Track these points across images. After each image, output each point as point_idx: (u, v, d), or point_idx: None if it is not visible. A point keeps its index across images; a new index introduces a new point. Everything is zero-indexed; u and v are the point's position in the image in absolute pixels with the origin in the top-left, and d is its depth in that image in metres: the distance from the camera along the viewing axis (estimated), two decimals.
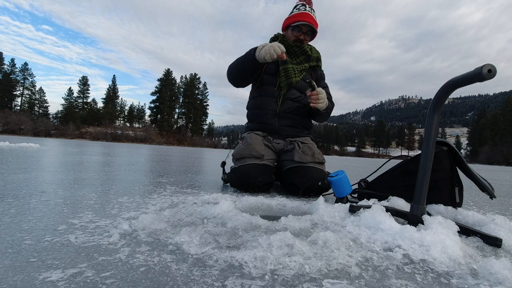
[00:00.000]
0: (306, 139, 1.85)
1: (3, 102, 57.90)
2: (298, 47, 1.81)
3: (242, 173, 1.60)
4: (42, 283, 0.48)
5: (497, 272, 0.59)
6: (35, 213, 0.90)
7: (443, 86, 0.85)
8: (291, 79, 1.78)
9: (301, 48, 1.81)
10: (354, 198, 1.52)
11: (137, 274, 0.54)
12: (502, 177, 5.26)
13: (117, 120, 69.93)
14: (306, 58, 1.85)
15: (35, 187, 1.36)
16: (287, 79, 1.78)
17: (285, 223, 0.91)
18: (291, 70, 1.79)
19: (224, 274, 0.55)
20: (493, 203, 1.78)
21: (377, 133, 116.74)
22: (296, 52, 1.82)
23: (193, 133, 69.63)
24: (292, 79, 1.78)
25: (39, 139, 18.04)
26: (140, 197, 1.28)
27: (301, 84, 1.83)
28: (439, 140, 1.23)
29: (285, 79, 1.79)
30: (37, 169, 2.10)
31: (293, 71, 1.79)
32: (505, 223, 0.97)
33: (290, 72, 1.79)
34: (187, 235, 0.73)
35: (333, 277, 0.57)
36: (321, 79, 1.95)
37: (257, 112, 1.88)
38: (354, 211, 1.00)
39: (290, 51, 1.82)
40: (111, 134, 54.01)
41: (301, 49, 1.81)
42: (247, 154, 1.66)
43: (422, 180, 0.91)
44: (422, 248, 0.72)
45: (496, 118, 65.75)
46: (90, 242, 0.67)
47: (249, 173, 1.59)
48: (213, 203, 1.15)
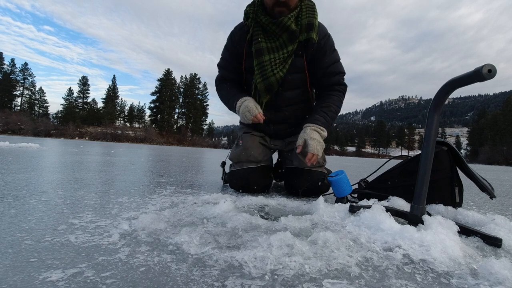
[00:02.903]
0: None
1: (3, 102, 57.92)
2: (275, 24, 1.32)
3: (240, 177, 1.57)
4: (42, 283, 0.48)
5: (497, 272, 0.59)
6: (35, 213, 0.90)
7: (443, 86, 0.85)
8: (268, 78, 1.37)
9: (279, 25, 1.31)
10: (354, 198, 1.51)
11: (137, 274, 0.54)
12: (502, 177, 5.26)
13: (117, 120, 70.02)
14: (290, 37, 1.34)
15: (35, 187, 1.36)
16: (263, 79, 1.38)
17: (285, 223, 0.91)
18: (267, 65, 1.35)
19: (224, 274, 0.55)
20: (493, 203, 1.78)
21: (377, 133, 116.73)
22: (275, 31, 1.33)
23: (193, 133, 69.65)
24: (271, 78, 1.37)
25: (39, 139, 18.04)
26: (140, 197, 1.28)
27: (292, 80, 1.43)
28: (439, 140, 1.23)
29: (261, 79, 1.39)
30: (37, 169, 2.10)
31: (270, 66, 1.36)
32: (505, 223, 0.97)
33: (267, 68, 1.36)
34: (187, 235, 0.73)
35: (333, 277, 0.57)
36: (322, 55, 1.42)
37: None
38: (354, 211, 1.00)
39: (267, 31, 1.35)
40: (111, 134, 54.01)
41: (279, 25, 1.31)
42: (244, 159, 1.58)
43: (422, 180, 0.91)
44: (422, 248, 0.72)
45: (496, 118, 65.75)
46: (90, 242, 0.67)
47: (247, 178, 1.56)
48: (213, 203, 1.15)
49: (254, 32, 1.40)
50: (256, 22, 1.39)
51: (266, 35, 1.38)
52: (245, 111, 1.41)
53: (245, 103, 1.43)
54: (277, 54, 1.37)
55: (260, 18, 1.36)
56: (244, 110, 1.41)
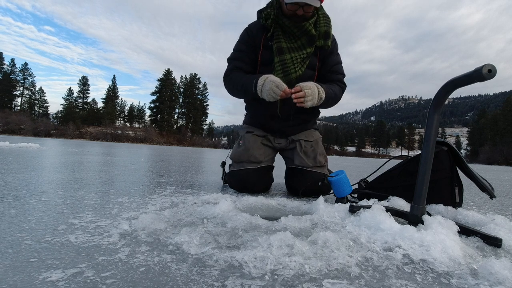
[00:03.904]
0: (311, 134, 1.69)
1: (3, 102, 57.93)
2: (297, 28, 1.46)
3: (240, 178, 1.57)
4: (42, 283, 0.48)
5: (497, 272, 0.59)
6: (35, 213, 0.90)
7: (443, 86, 0.85)
8: (290, 75, 1.48)
9: (301, 28, 1.46)
10: (354, 198, 1.51)
11: (137, 274, 0.54)
12: (502, 177, 5.26)
13: (117, 120, 70.01)
14: (309, 40, 1.49)
15: (35, 187, 1.36)
16: (285, 75, 1.48)
17: (285, 223, 0.91)
18: (289, 63, 1.48)
19: (224, 274, 0.55)
20: (493, 203, 1.78)
21: (377, 133, 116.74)
22: (295, 34, 1.48)
23: (193, 133, 69.65)
24: (292, 75, 1.49)
25: (39, 139, 18.04)
26: (140, 197, 1.28)
27: (305, 74, 1.53)
28: (439, 140, 1.23)
29: (282, 75, 1.48)
30: (37, 169, 2.10)
31: (291, 64, 1.48)
32: (505, 223, 0.97)
33: (289, 65, 1.48)
34: (187, 235, 0.73)
35: (333, 277, 0.57)
36: (330, 55, 1.60)
37: (255, 113, 1.72)
38: (354, 211, 1.00)
39: (288, 32, 1.49)
40: (111, 134, 54.01)
41: (301, 29, 1.46)
42: (245, 159, 1.58)
43: (422, 180, 0.91)
44: (422, 248, 0.72)
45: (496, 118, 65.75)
46: (90, 242, 0.67)
47: (247, 178, 1.56)
48: (213, 203, 1.15)
49: (274, 32, 1.51)
50: (276, 23, 1.50)
51: (285, 36, 1.50)
52: (273, 86, 1.36)
53: (270, 78, 1.39)
54: (297, 53, 1.49)
55: (282, 20, 1.48)
56: (272, 85, 1.37)
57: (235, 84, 1.56)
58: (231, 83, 1.59)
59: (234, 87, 1.58)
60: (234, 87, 1.58)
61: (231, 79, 1.59)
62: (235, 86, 1.57)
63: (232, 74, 1.59)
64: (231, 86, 1.60)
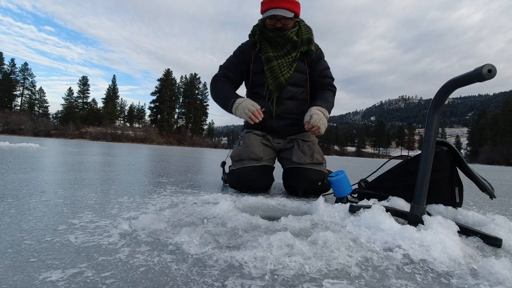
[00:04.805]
0: (308, 135, 1.77)
1: (3, 102, 57.90)
2: (280, 37, 1.62)
3: (240, 176, 1.59)
4: (42, 283, 0.48)
5: (497, 272, 0.59)
6: (35, 213, 0.90)
7: (443, 86, 0.85)
8: (278, 79, 1.64)
9: (283, 37, 1.62)
10: (354, 198, 1.51)
11: (137, 274, 0.54)
12: (502, 177, 5.26)
13: (117, 120, 69.97)
14: (293, 46, 1.65)
15: (35, 187, 1.36)
16: (274, 80, 1.65)
17: (285, 223, 0.91)
18: (276, 68, 1.64)
19: (224, 274, 0.55)
20: (493, 203, 1.78)
21: (377, 133, 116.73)
22: (280, 42, 1.64)
23: (193, 133, 69.62)
24: (280, 78, 1.64)
25: (39, 139, 18.04)
26: (140, 197, 1.28)
27: (295, 77, 1.69)
28: (439, 140, 1.23)
29: (272, 80, 1.65)
30: (37, 169, 2.10)
31: (279, 69, 1.64)
32: (505, 223, 0.97)
33: (276, 71, 1.64)
34: (187, 235, 0.73)
35: (333, 277, 0.57)
36: (318, 61, 1.76)
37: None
38: (354, 211, 1.00)
39: (273, 42, 1.66)
40: (111, 134, 53.99)
41: (284, 37, 1.62)
42: (245, 156, 1.61)
43: (422, 180, 0.91)
44: (422, 248, 0.72)
45: (496, 118, 65.73)
46: (90, 242, 0.67)
47: (247, 176, 1.58)
48: (213, 203, 1.15)
49: (262, 45, 1.69)
50: (262, 37, 1.69)
51: (271, 46, 1.67)
52: (249, 105, 1.54)
53: (247, 101, 1.58)
54: (283, 59, 1.66)
55: (267, 33, 1.66)
56: (248, 104, 1.55)
57: (218, 91, 1.73)
58: (216, 90, 1.75)
59: (217, 92, 1.74)
60: (217, 93, 1.74)
61: (216, 86, 1.75)
62: (217, 92, 1.73)
63: (219, 81, 1.75)
64: (215, 90, 1.75)
